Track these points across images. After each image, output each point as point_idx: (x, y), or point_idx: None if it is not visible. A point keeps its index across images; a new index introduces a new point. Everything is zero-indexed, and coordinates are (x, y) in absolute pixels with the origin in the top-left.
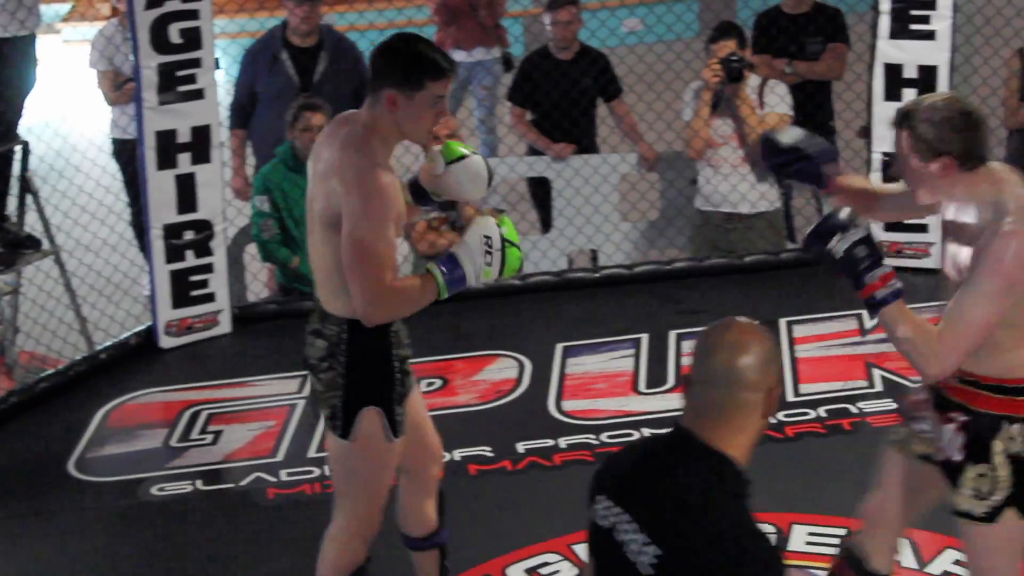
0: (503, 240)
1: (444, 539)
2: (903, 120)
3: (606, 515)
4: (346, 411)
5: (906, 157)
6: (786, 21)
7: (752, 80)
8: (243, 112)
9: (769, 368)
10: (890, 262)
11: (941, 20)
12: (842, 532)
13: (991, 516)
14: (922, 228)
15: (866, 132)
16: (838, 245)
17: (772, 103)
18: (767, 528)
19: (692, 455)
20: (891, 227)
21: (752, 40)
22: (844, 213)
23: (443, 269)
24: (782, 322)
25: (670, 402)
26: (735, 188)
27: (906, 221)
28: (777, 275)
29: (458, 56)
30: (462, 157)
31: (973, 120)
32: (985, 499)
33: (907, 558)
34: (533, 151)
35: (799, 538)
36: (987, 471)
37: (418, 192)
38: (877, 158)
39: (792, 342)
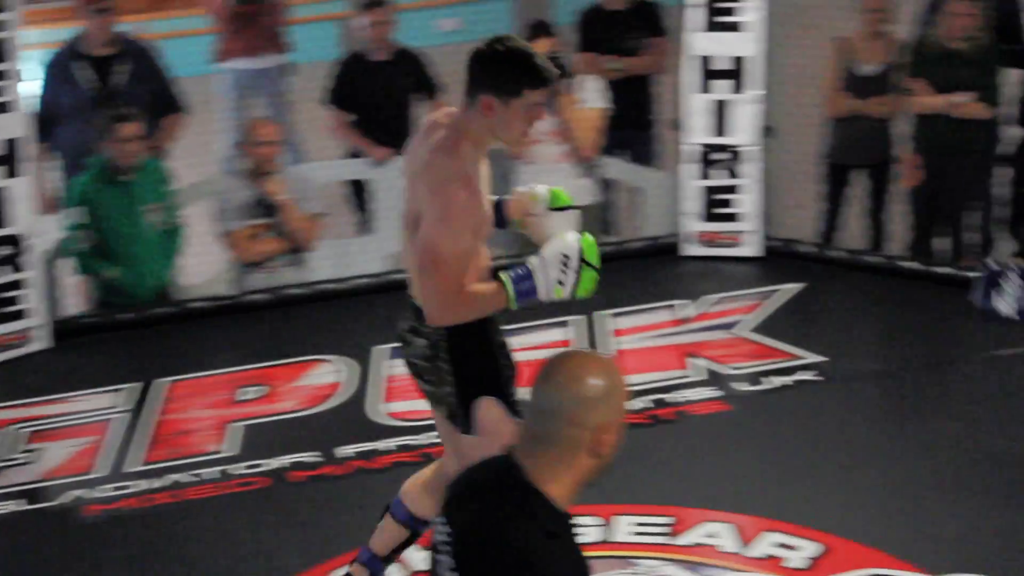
0: (581, 260)
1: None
2: None
3: (439, 532)
4: (464, 407)
5: None
6: (607, 18)
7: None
8: (45, 125)
9: (599, 406)
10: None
11: (751, 11)
12: (668, 521)
13: None
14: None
15: (676, 124)
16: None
17: (587, 99)
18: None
19: (510, 488)
20: None
21: (575, 37)
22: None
23: (514, 279)
24: (603, 314)
25: None
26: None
27: None
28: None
29: (243, 64)
30: (567, 207)
31: None
32: None
33: (728, 541)
34: (355, 154)
35: (621, 528)
36: None
37: (499, 216)
38: (691, 149)
39: (613, 333)
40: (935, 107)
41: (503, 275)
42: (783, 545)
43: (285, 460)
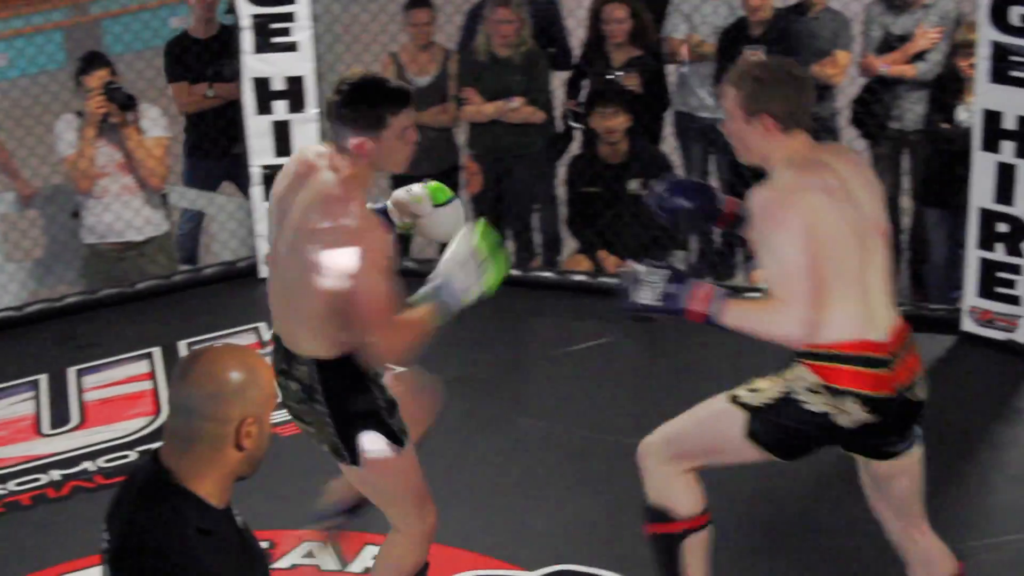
0: (485, 253)
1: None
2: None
3: (102, 541)
4: (345, 442)
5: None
6: (197, 46)
7: None
8: None
9: (236, 400)
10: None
11: (301, 31)
12: (265, 545)
13: None
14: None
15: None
16: (636, 299)
17: (147, 127)
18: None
19: (158, 491)
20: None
21: (165, 68)
22: (625, 272)
23: (437, 294)
24: (182, 344)
25: (77, 440)
26: (120, 217)
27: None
28: (172, 298)
29: None
30: (450, 200)
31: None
32: None
33: (329, 560)
34: None
35: None
36: None
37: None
38: (257, 171)
39: None
40: (488, 114)
41: (422, 292)
42: None
43: None
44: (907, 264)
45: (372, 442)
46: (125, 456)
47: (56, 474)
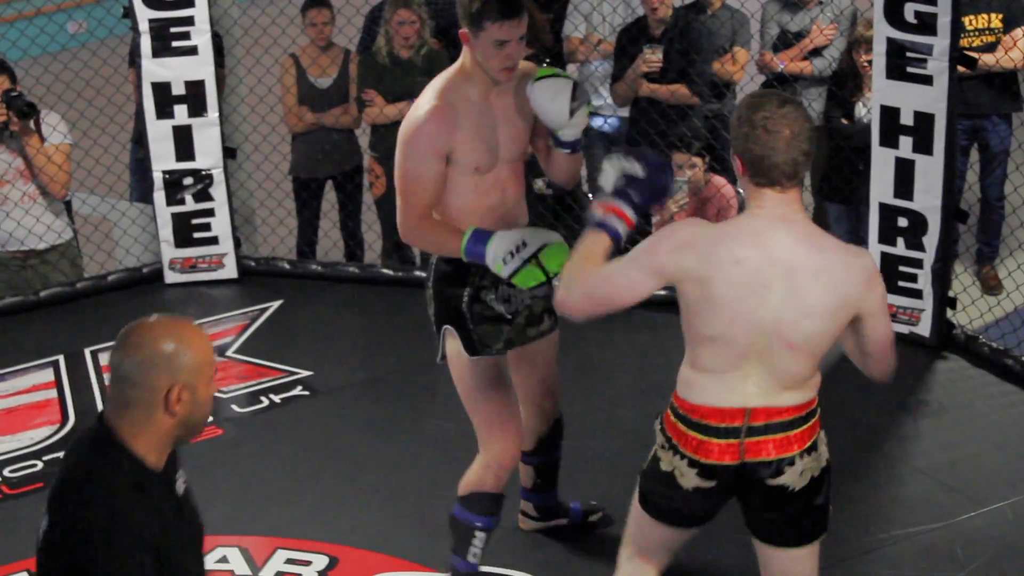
0: (533, 256)
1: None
2: None
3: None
4: (437, 332)
5: None
6: None
7: None
8: None
9: (163, 368)
10: None
11: (200, 35)
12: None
13: None
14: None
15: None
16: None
17: (48, 134)
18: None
19: (100, 445)
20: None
21: None
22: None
23: (474, 233)
24: (87, 352)
25: None
26: (20, 224)
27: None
28: (76, 306)
29: None
30: (544, 77)
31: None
32: None
33: (240, 565)
34: None
35: None
36: None
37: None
38: (158, 177)
39: (100, 371)
40: (391, 116)
41: (469, 228)
42: (295, 561)
43: None
44: None
45: (451, 340)
46: (33, 466)
47: None
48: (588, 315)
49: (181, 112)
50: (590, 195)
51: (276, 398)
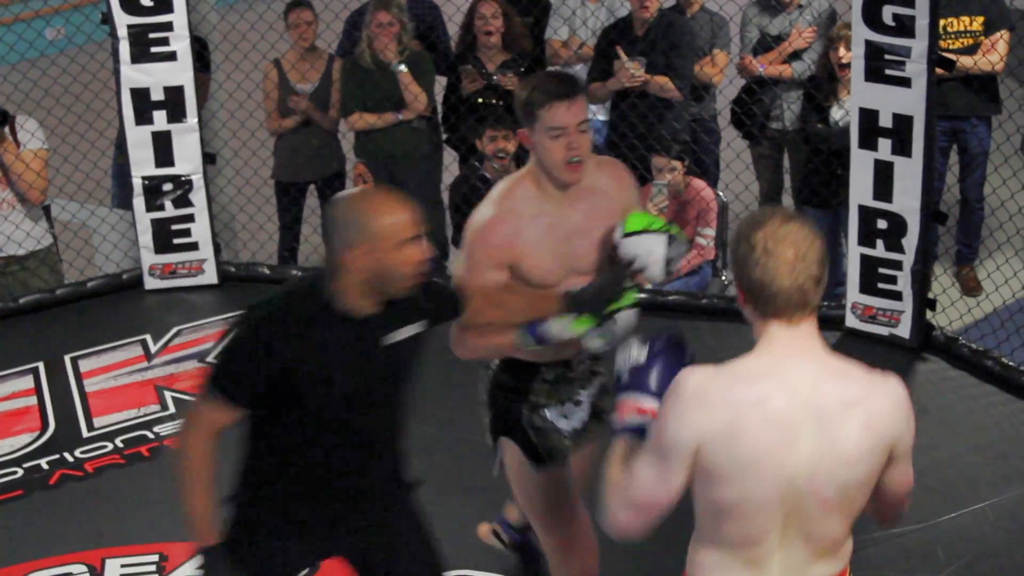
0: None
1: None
2: None
3: None
4: (492, 443)
5: None
6: None
7: None
8: None
9: (337, 231)
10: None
11: (179, 40)
12: (157, 559)
13: None
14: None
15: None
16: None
17: (24, 140)
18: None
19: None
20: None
21: None
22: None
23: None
24: (67, 359)
25: None
26: (0, 231)
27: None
28: (56, 313)
29: None
30: (637, 232)
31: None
32: None
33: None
34: None
35: (113, 571)
36: None
37: None
38: (138, 183)
39: (80, 378)
40: (373, 123)
41: (520, 331)
42: None
43: None
44: None
45: (507, 452)
46: (13, 473)
47: None
48: (646, 528)
49: (160, 118)
50: None
51: None
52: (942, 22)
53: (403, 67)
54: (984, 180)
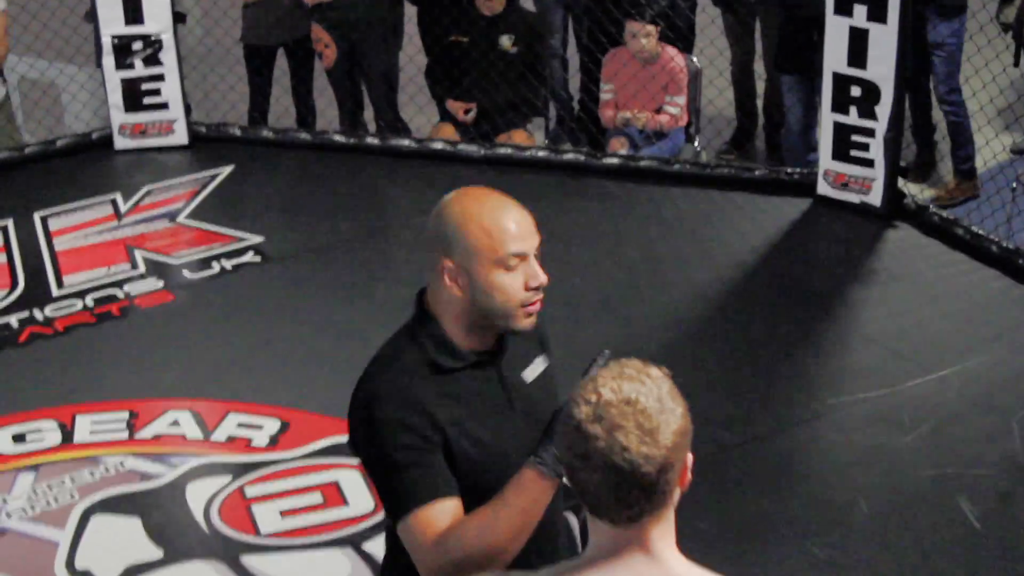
0: None
1: None
2: None
3: None
4: None
5: None
6: None
7: None
8: None
9: (436, 241)
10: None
11: None
12: (127, 416)
13: None
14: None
15: (90, 16)
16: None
17: None
18: None
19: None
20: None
21: None
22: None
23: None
24: (36, 217)
25: None
26: None
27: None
28: (25, 171)
29: None
30: None
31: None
32: None
33: (192, 428)
34: None
35: (83, 428)
36: None
37: None
38: (107, 41)
39: (49, 236)
40: None
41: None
42: (246, 425)
43: None
44: (763, 129)
45: None
46: None
47: None
48: None
49: None
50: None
51: (228, 264)
52: None
53: None
54: (950, 76)
